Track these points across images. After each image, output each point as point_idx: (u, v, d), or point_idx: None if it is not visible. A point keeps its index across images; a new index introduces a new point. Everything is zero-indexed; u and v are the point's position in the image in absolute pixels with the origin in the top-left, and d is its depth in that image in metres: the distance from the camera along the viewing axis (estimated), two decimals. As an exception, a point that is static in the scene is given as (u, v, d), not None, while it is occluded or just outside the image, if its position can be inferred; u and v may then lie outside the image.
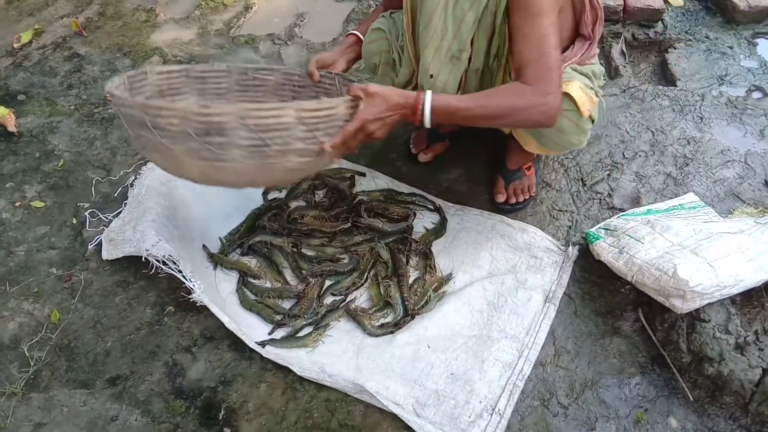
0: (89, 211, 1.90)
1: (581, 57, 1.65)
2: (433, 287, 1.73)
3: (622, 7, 2.56)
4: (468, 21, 1.48)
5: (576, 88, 1.56)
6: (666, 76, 2.44)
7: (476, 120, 1.43)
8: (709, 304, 1.55)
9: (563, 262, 1.79)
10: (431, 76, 1.57)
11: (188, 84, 1.66)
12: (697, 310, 1.55)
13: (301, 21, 2.62)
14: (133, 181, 1.94)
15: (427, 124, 1.40)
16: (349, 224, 1.87)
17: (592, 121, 1.60)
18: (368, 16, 1.86)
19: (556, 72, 1.40)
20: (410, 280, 1.76)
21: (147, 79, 1.57)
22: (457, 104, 1.41)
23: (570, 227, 1.91)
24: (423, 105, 1.38)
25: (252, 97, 1.73)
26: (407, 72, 1.69)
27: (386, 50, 1.73)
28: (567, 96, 1.54)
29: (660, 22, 2.59)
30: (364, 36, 1.77)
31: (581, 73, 1.62)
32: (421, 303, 1.69)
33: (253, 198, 1.96)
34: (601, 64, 1.79)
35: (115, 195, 1.95)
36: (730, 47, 2.53)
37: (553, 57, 1.40)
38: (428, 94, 1.38)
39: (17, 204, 1.93)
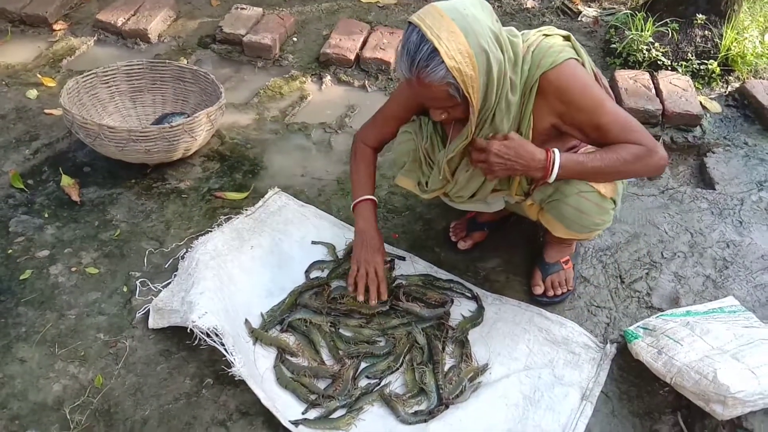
0: (140, 280, 1.99)
1: None
2: (468, 377, 1.73)
3: (661, 112, 2.65)
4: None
5: None
6: (704, 179, 2.48)
7: (600, 172, 1.57)
8: (752, 412, 1.51)
9: (601, 360, 1.77)
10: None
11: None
12: (739, 417, 1.51)
13: (352, 112, 2.78)
14: (184, 254, 2.03)
15: (553, 178, 1.55)
16: (387, 307, 1.91)
17: (614, 202, 1.69)
18: (362, 177, 1.91)
19: (647, 135, 1.57)
20: (446, 368, 1.77)
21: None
22: (583, 159, 1.57)
23: (608, 324, 1.91)
24: (554, 161, 1.54)
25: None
26: (438, 181, 1.78)
27: (413, 149, 1.83)
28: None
29: (698, 127, 2.66)
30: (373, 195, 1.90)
31: None
32: (456, 392, 1.69)
33: (297, 276, 2.03)
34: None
35: (166, 266, 2.04)
36: (769, 154, 2.57)
37: (636, 130, 1.57)
38: (557, 152, 1.56)
39: (73, 269, 2.03)
